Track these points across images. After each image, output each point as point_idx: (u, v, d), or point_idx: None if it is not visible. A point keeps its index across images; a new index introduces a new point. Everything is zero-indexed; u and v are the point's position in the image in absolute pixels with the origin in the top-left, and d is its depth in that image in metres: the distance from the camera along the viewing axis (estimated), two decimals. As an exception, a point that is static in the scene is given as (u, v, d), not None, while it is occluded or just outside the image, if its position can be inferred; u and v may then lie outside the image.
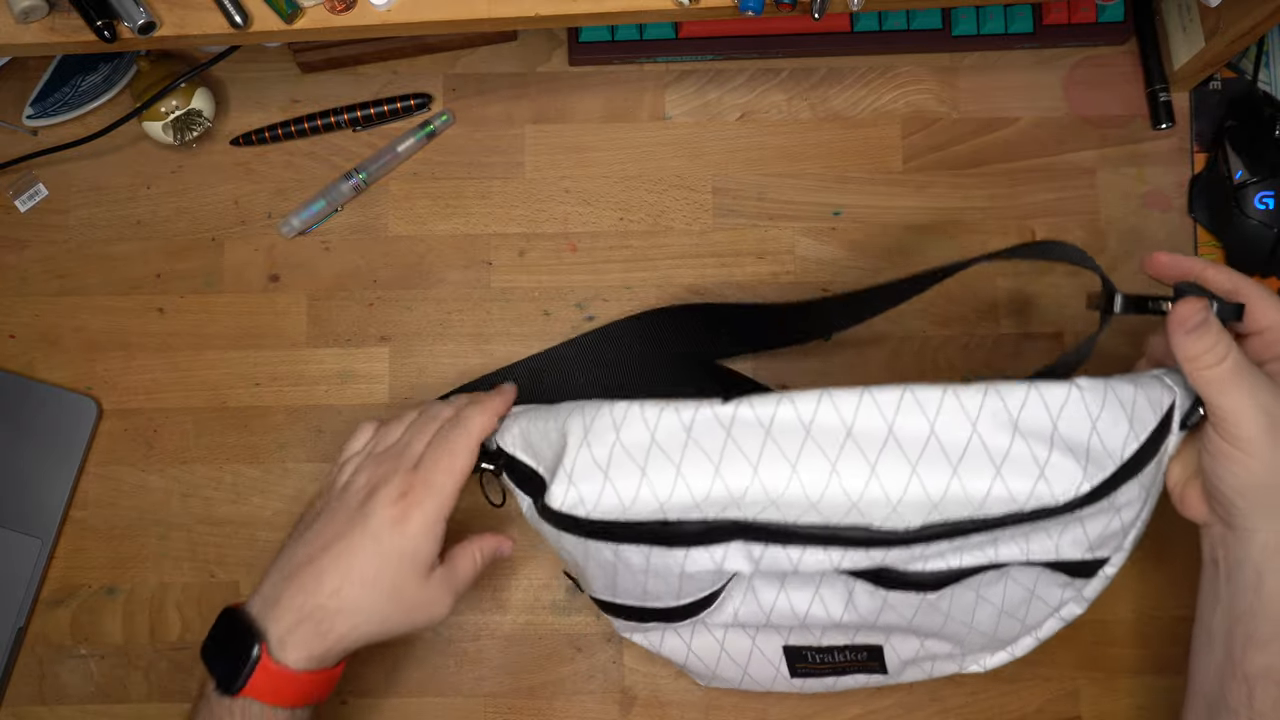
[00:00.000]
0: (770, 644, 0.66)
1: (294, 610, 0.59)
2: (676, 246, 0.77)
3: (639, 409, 0.57)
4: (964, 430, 0.54)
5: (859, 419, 0.54)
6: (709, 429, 0.56)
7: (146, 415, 0.75)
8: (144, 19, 0.61)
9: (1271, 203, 0.74)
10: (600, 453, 0.57)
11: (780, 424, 0.55)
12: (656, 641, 0.66)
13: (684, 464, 0.56)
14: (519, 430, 0.62)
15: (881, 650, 0.65)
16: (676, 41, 0.77)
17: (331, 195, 0.76)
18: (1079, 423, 0.54)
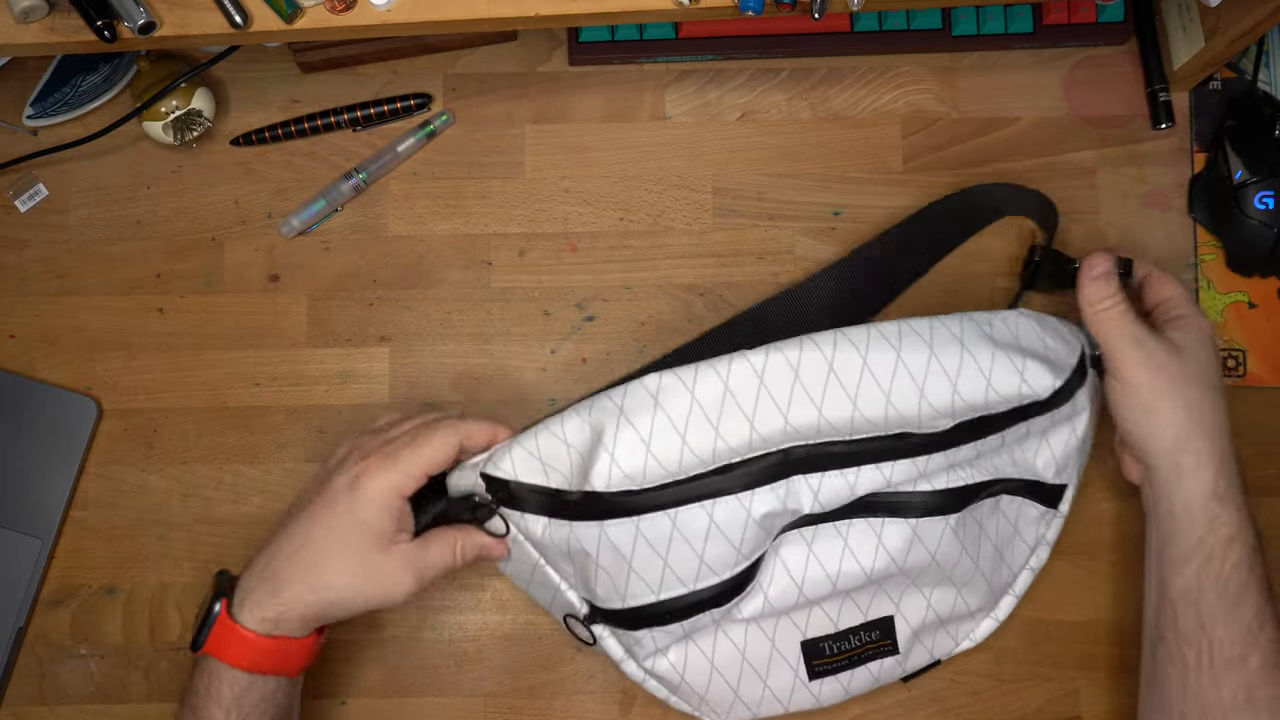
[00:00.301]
0: (789, 641, 0.66)
1: (256, 573, 0.60)
2: (676, 246, 0.77)
3: (672, 375, 0.61)
4: (955, 347, 0.63)
5: (871, 358, 0.62)
6: (744, 380, 0.61)
7: (146, 415, 0.75)
8: (144, 19, 0.61)
9: (1271, 203, 0.74)
10: (642, 425, 0.60)
11: (806, 364, 0.61)
12: (680, 663, 0.65)
13: (722, 419, 0.60)
14: (523, 451, 0.62)
15: (892, 623, 0.67)
16: (676, 41, 0.77)
17: (331, 195, 0.76)
18: (1034, 339, 0.66)
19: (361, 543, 0.60)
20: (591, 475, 0.60)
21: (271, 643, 0.59)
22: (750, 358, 0.61)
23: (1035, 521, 0.70)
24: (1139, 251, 0.77)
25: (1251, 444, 0.75)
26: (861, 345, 0.62)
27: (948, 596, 0.68)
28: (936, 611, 0.68)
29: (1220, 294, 0.77)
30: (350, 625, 0.73)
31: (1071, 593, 0.73)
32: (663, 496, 0.59)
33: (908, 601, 0.67)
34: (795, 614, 0.66)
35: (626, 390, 0.61)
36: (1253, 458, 0.75)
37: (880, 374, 0.62)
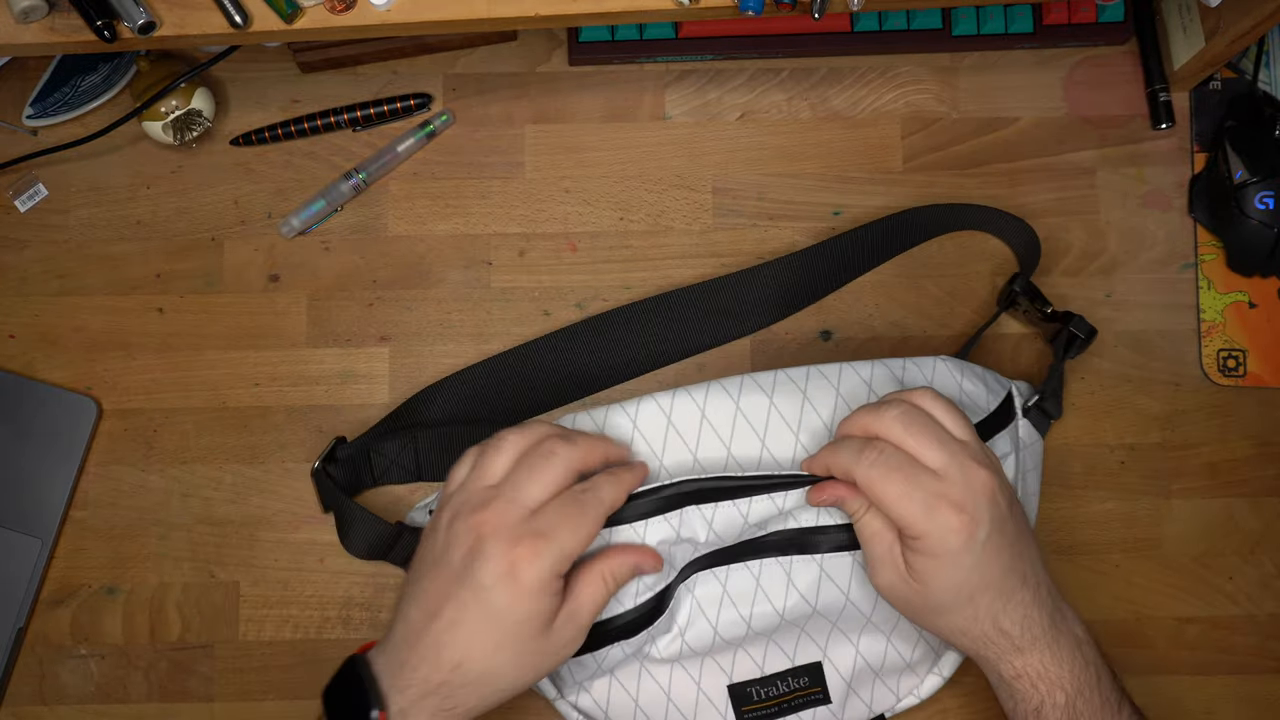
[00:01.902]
0: (715, 684, 0.65)
1: (418, 684, 0.55)
2: (676, 246, 0.77)
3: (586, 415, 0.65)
4: (863, 390, 0.65)
5: (776, 395, 0.65)
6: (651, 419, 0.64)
7: (146, 415, 0.75)
8: (144, 19, 0.61)
9: (1271, 203, 0.74)
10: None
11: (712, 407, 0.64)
12: (603, 700, 0.65)
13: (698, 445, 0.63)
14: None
15: (821, 670, 0.66)
16: (676, 41, 0.77)
17: (331, 195, 0.76)
18: (950, 384, 0.66)
19: (530, 635, 0.55)
20: None
21: None
22: (658, 399, 0.64)
23: None
24: (1139, 251, 0.77)
25: (1252, 444, 0.75)
26: (768, 388, 0.64)
27: (877, 645, 0.66)
28: (867, 660, 0.66)
29: (1220, 294, 0.77)
30: (352, 625, 0.73)
31: (1072, 593, 0.73)
32: (632, 509, 0.61)
33: (835, 648, 0.66)
34: (719, 656, 0.65)
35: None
36: (1253, 458, 0.75)
37: (788, 415, 0.64)
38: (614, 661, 0.64)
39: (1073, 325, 0.71)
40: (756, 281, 0.74)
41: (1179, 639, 0.73)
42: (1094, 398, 0.75)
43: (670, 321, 0.74)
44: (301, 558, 0.73)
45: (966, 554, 0.56)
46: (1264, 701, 0.73)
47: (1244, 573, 0.74)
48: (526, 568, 0.54)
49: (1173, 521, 0.74)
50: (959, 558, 0.56)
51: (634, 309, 0.74)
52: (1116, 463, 0.75)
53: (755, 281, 0.74)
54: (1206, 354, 0.76)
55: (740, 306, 0.75)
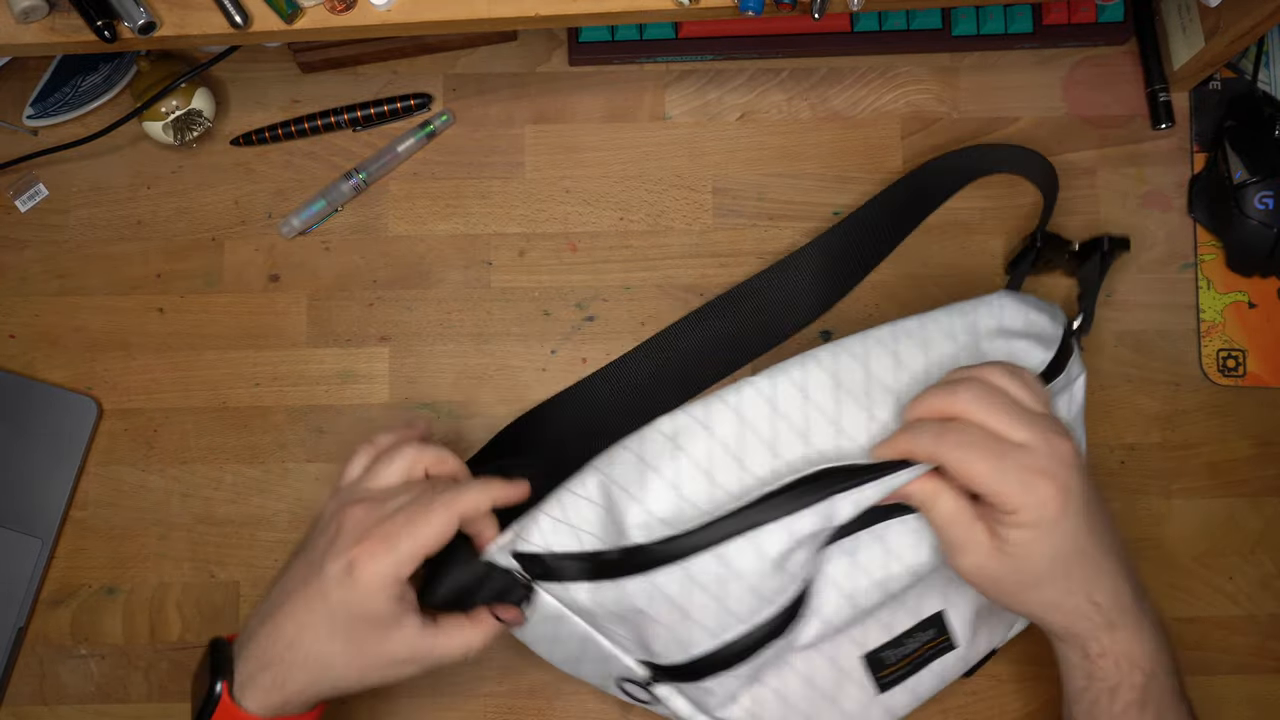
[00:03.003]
0: (851, 658, 0.65)
1: (256, 657, 0.57)
2: (676, 246, 0.77)
3: (686, 415, 0.60)
4: (949, 344, 0.63)
5: (872, 365, 0.62)
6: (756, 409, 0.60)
7: (146, 415, 0.75)
8: (144, 19, 0.61)
9: (1271, 203, 0.74)
10: (667, 470, 0.58)
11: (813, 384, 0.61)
12: (753, 709, 0.64)
13: (745, 452, 0.59)
14: (549, 520, 0.59)
15: (944, 618, 0.67)
16: (676, 41, 0.77)
17: (331, 195, 0.76)
18: (1018, 318, 0.65)
19: (363, 632, 0.57)
20: (628, 529, 0.58)
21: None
22: (758, 384, 0.60)
23: None
24: (1139, 251, 0.77)
25: (1252, 444, 0.75)
26: (860, 355, 0.62)
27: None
28: (983, 599, 0.67)
29: (1220, 294, 0.77)
30: (350, 625, 0.73)
31: (1071, 593, 0.73)
32: (705, 536, 0.57)
33: (954, 592, 0.67)
34: (852, 630, 0.65)
35: (643, 438, 0.60)
36: (1253, 458, 0.75)
37: (885, 379, 0.61)
38: (762, 664, 0.62)
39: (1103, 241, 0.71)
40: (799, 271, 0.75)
41: (1179, 639, 0.73)
42: (1094, 398, 0.75)
43: (729, 322, 0.75)
44: (301, 558, 0.74)
45: (1064, 521, 0.56)
46: (1264, 701, 0.73)
47: (1244, 573, 0.74)
48: (363, 566, 0.56)
49: (1173, 521, 0.74)
50: (1056, 526, 0.56)
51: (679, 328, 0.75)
52: (1116, 463, 0.75)
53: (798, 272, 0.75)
54: (1206, 354, 0.76)
55: (792, 297, 0.75)
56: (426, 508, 0.58)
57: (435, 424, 0.75)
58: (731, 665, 0.61)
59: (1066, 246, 0.73)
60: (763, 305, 0.75)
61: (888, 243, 0.76)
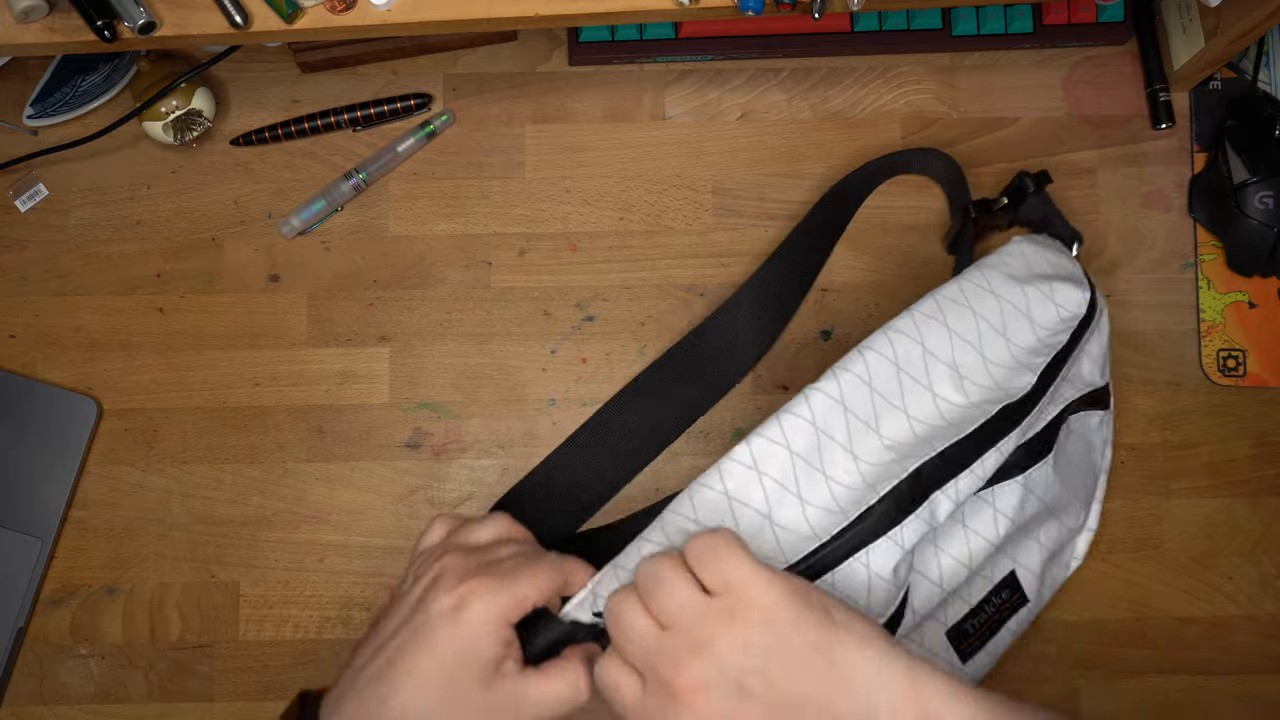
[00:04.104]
0: (936, 638, 0.65)
1: (350, 714, 0.53)
2: (676, 246, 0.77)
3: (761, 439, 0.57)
4: (991, 300, 0.64)
5: (928, 340, 0.62)
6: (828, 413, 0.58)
7: (146, 415, 0.75)
8: (144, 19, 0.61)
9: (1271, 203, 0.74)
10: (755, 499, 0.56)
11: (876, 373, 0.60)
12: None
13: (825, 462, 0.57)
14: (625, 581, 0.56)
15: (1015, 577, 0.67)
16: (676, 41, 0.77)
17: (331, 195, 0.76)
18: (1042, 261, 0.66)
19: (468, 678, 0.52)
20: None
21: None
22: (823, 386, 0.59)
23: (1098, 427, 0.71)
24: (1139, 251, 0.77)
25: (1252, 444, 0.75)
26: (914, 333, 0.61)
27: (1052, 529, 0.68)
28: (1047, 548, 0.68)
29: (1220, 294, 0.77)
30: (353, 626, 0.73)
31: (1072, 593, 0.73)
32: (814, 563, 0.56)
33: (1023, 551, 0.67)
34: (935, 611, 0.65)
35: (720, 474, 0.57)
36: (1253, 458, 0.75)
37: (942, 354, 0.61)
38: None
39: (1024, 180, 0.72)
40: (739, 311, 0.75)
41: (1179, 639, 0.73)
42: (1094, 398, 0.75)
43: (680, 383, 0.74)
44: (301, 558, 0.74)
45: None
46: (1264, 701, 0.73)
47: (1244, 573, 0.74)
48: (474, 602, 0.52)
49: (1173, 521, 0.74)
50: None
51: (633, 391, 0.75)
52: (1116, 463, 0.75)
53: (738, 311, 0.75)
54: (1206, 354, 0.76)
55: (734, 340, 0.75)
56: (537, 559, 0.55)
57: (435, 424, 0.75)
58: None
59: (995, 204, 0.73)
60: (706, 353, 0.75)
61: (815, 265, 0.76)
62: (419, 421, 0.75)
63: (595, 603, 0.55)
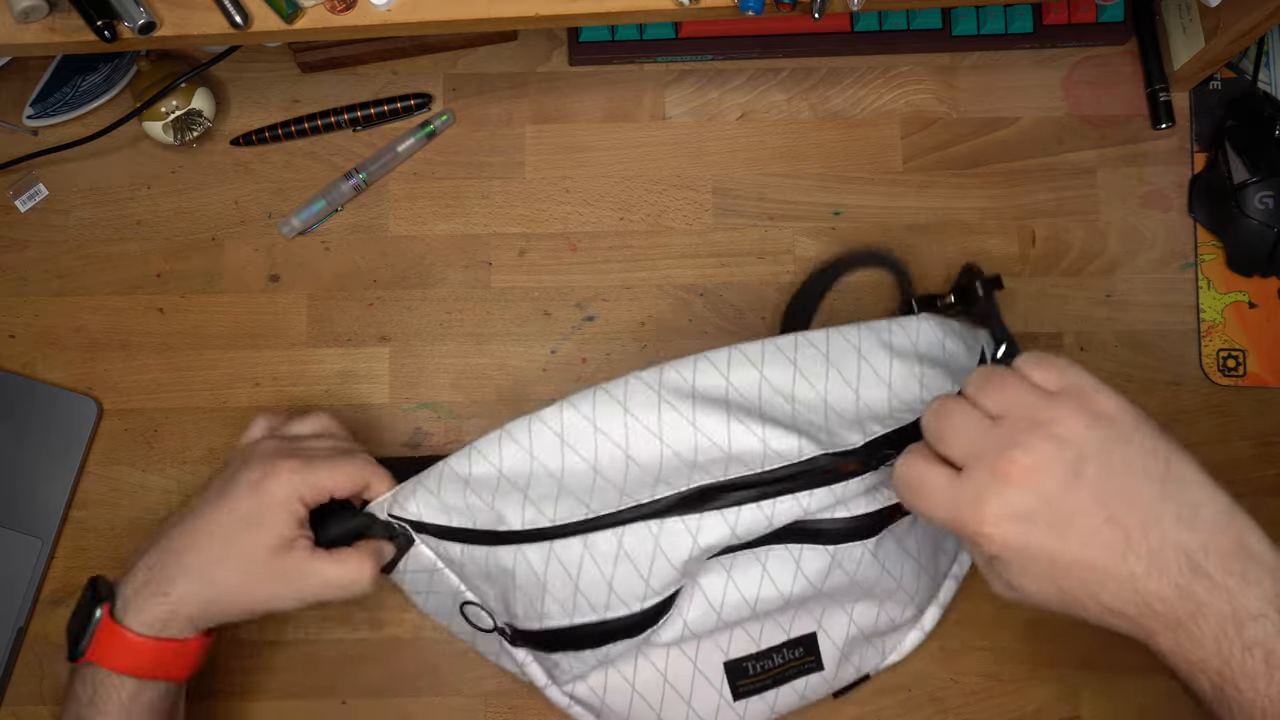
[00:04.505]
0: (711, 662, 0.65)
1: (140, 573, 0.59)
2: (676, 246, 0.77)
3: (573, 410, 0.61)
4: (853, 357, 0.63)
5: (767, 367, 0.62)
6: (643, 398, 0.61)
7: (146, 415, 0.75)
8: (144, 19, 0.61)
9: (1271, 203, 0.74)
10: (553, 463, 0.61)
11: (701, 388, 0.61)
12: (599, 687, 0.65)
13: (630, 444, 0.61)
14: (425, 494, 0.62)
15: (815, 640, 0.66)
16: (676, 41, 0.77)
17: (331, 195, 0.76)
18: (933, 344, 0.65)
19: (255, 541, 0.59)
20: (507, 517, 0.60)
21: (159, 645, 0.58)
22: (644, 377, 0.61)
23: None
24: (1139, 251, 0.77)
25: (1252, 444, 0.75)
26: (757, 360, 0.62)
27: (869, 612, 0.67)
28: (859, 626, 0.67)
29: (1220, 294, 0.77)
30: (352, 625, 0.73)
31: (1071, 593, 0.73)
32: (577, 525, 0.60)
33: (830, 619, 0.66)
34: (717, 635, 0.65)
35: (530, 431, 0.61)
36: (1253, 458, 0.75)
37: (781, 386, 0.62)
38: (615, 655, 0.64)
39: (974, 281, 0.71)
40: None
41: (1179, 639, 0.73)
42: (1094, 398, 0.75)
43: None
44: (301, 558, 0.73)
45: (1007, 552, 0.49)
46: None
47: (1244, 573, 0.74)
48: (275, 478, 0.59)
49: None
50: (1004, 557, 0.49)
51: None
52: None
53: None
54: (1206, 354, 0.76)
55: None
56: (347, 455, 0.62)
57: (435, 424, 0.75)
58: (580, 647, 0.63)
59: (941, 299, 0.73)
60: None
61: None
62: (419, 421, 0.75)
63: (394, 506, 0.62)
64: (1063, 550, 0.48)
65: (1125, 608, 0.48)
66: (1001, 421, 0.49)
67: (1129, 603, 0.48)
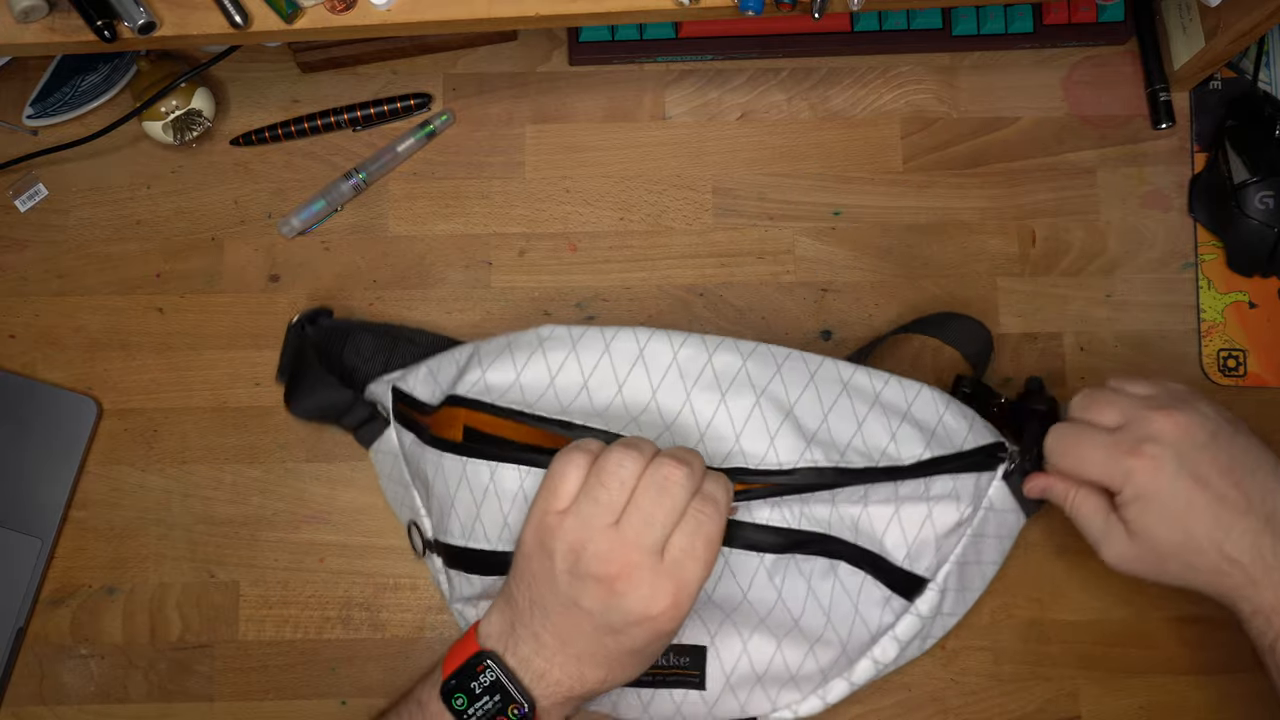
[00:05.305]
0: None
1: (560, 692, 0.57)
2: (676, 246, 0.77)
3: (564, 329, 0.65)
4: (836, 388, 0.65)
5: (750, 362, 0.64)
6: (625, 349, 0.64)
7: (146, 415, 0.75)
8: (144, 19, 0.61)
9: (1272, 203, 0.74)
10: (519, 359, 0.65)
11: (686, 355, 0.64)
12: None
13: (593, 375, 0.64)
14: (425, 370, 0.68)
15: (704, 655, 0.65)
16: (676, 41, 0.77)
17: (331, 195, 0.76)
18: (929, 411, 0.66)
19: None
20: (459, 384, 0.65)
21: None
22: (637, 333, 0.64)
23: (880, 606, 0.65)
24: (1139, 251, 0.77)
25: (1251, 444, 0.75)
26: (746, 352, 0.65)
27: (766, 648, 0.64)
28: (752, 661, 0.64)
29: (1220, 294, 0.77)
30: (352, 625, 0.73)
31: (1071, 593, 0.73)
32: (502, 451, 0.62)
33: (724, 639, 0.64)
34: None
35: (522, 333, 0.66)
36: (1253, 458, 0.75)
37: (757, 382, 0.64)
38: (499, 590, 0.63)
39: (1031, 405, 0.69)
40: None
41: (1179, 639, 0.73)
42: (1094, 398, 0.75)
43: None
44: (301, 558, 0.73)
45: (1162, 487, 0.59)
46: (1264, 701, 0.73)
47: (1244, 573, 0.74)
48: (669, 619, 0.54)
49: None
50: (1157, 494, 0.59)
51: None
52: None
53: None
54: (1206, 354, 0.76)
55: None
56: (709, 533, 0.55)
57: (435, 424, 0.75)
58: (469, 569, 0.64)
59: (994, 400, 0.71)
60: None
61: None
62: (419, 421, 0.75)
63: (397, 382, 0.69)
64: (1201, 494, 0.59)
65: (1243, 555, 0.58)
66: (1149, 399, 0.61)
67: (1247, 551, 0.58)
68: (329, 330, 0.73)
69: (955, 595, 0.67)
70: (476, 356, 0.66)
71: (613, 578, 0.54)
